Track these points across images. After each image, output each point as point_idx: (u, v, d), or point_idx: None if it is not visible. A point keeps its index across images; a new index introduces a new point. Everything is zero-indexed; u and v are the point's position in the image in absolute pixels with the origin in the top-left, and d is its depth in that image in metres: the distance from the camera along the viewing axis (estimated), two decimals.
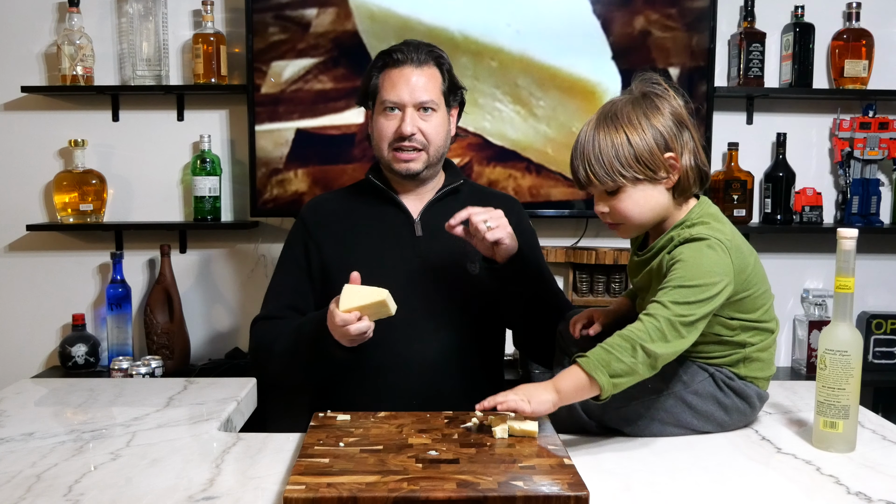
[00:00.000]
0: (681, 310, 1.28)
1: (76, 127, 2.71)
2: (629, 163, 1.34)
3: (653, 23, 2.61)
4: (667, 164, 1.36)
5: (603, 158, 1.35)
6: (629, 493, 1.16)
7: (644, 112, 1.36)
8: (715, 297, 1.30)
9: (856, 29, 2.70)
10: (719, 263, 1.31)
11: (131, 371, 2.42)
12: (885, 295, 2.85)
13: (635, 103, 1.38)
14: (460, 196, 1.83)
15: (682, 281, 1.30)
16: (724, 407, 1.40)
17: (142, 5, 2.63)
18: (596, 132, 1.37)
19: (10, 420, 1.49)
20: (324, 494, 1.05)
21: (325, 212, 1.83)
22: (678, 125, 1.37)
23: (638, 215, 1.38)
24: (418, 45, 1.75)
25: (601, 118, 1.38)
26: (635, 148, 1.34)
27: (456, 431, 1.32)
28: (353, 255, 1.73)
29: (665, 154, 1.35)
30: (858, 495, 1.15)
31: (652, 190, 1.37)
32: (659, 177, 1.36)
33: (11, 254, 2.77)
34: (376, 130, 1.75)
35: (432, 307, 1.71)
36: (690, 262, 1.31)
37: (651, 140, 1.34)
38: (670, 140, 1.35)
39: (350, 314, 1.49)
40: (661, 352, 1.26)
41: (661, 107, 1.37)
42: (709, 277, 1.30)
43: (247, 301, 2.78)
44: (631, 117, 1.36)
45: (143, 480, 1.19)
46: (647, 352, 1.25)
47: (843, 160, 2.74)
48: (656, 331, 1.26)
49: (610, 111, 1.38)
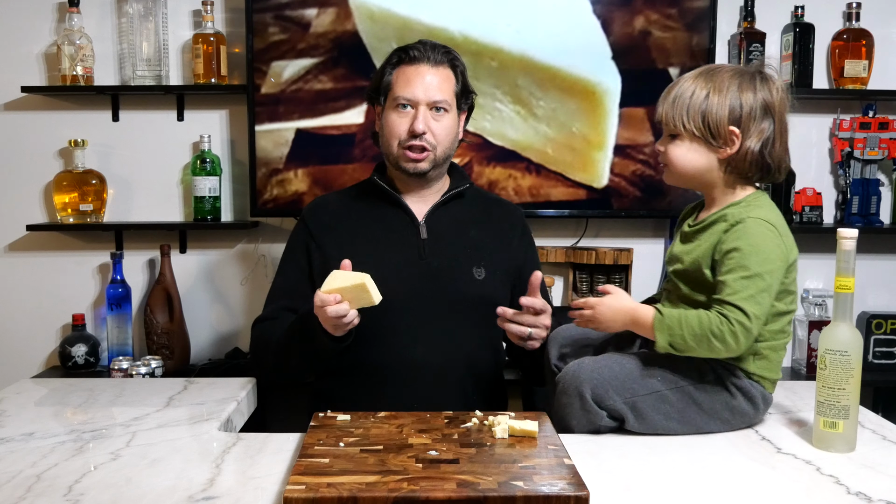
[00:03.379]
0: (749, 307, 1.33)
1: (76, 127, 2.71)
2: (695, 117, 1.41)
3: (653, 23, 2.61)
4: (728, 136, 1.41)
5: (678, 102, 1.43)
6: (629, 493, 1.16)
7: (739, 83, 1.41)
8: (773, 285, 1.36)
9: (856, 29, 2.70)
10: (778, 247, 1.38)
11: (131, 371, 2.42)
12: (885, 295, 2.85)
13: (738, 73, 1.43)
14: (465, 200, 1.82)
15: (744, 270, 1.34)
16: (729, 407, 1.41)
17: (142, 5, 2.63)
18: (689, 79, 1.44)
19: (10, 420, 1.49)
20: (324, 494, 1.05)
21: (327, 213, 1.82)
22: (764, 110, 1.41)
23: (681, 166, 1.46)
24: (435, 46, 1.75)
25: (702, 71, 1.45)
26: (709, 107, 1.40)
27: (456, 431, 1.33)
28: (357, 257, 1.71)
29: (730, 126, 1.40)
30: (858, 495, 1.15)
31: (705, 151, 1.43)
32: (716, 144, 1.42)
33: (11, 254, 2.77)
34: (387, 126, 1.74)
35: (436, 310, 1.71)
36: (753, 248, 1.36)
37: (727, 108, 1.40)
38: (745, 117, 1.40)
39: (329, 296, 1.50)
40: (731, 344, 1.33)
41: (757, 87, 1.41)
42: (770, 265, 1.36)
43: (247, 301, 2.78)
44: (724, 81, 1.41)
45: (143, 480, 1.19)
46: (711, 348, 1.34)
47: (843, 160, 2.74)
48: (728, 330, 1.33)
49: (713, 68, 1.45)
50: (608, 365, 1.42)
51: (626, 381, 1.39)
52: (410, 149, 1.71)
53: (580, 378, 1.40)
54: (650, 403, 1.39)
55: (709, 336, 1.33)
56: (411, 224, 1.77)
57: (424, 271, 1.73)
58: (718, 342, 1.33)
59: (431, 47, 1.74)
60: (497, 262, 1.78)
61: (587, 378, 1.39)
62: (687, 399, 1.40)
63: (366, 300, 1.50)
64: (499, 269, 1.78)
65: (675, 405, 1.40)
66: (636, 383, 1.39)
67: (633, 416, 1.39)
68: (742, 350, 1.36)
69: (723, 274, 1.36)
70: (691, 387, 1.40)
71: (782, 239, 1.40)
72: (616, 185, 2.65)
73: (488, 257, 1.77)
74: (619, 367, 1.41)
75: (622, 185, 2.65)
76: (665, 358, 1.40)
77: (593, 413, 1.39)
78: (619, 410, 1.39)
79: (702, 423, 1.41)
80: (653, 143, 2.64)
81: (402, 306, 1.69)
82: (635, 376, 1.40)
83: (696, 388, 1.40)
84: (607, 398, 1.39)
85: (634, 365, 1.41)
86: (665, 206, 2.68)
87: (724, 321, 1.33)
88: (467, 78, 1.79)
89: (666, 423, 1.40)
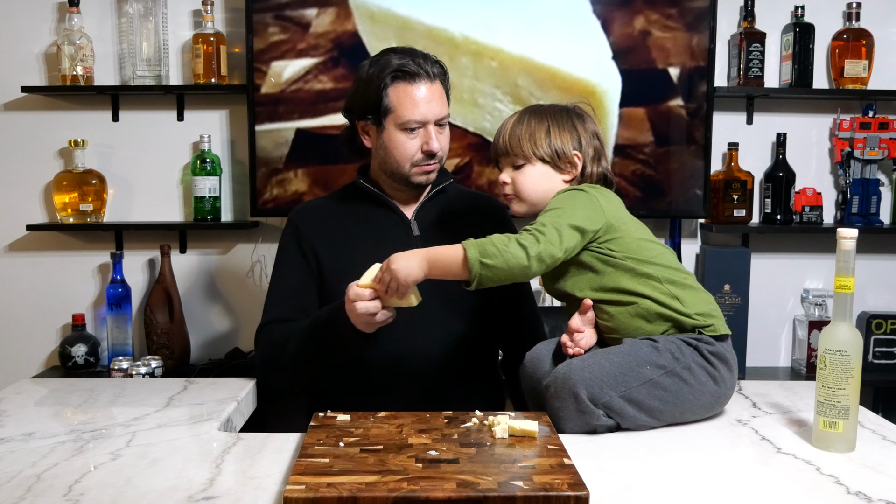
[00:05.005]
0: (546, 220, 1.45)
1: (76, 127, 2.71)
2: (541, 143, 1.55)
3: (653, 23, 2.61)
4: (572, 160, 1.56)
5: (522, 134, 1.57)
6: (629, 493, 1.16)
7: (570, 117, 1.59)
8: (577, 216, 1.46)
9: (856, 29, 2.70)
10: (584, 199, 1.50)
11: (131, 371, 2.42)
12: (885, 295, 2.85)
13: (564, 110, 1.61)
14: (448, 196, 1.84)
15: (547, 209, 1.50)
16: (713, 377, 1.46)
17: (142, 5, 2.63)
18: (523, 115, 1.60)
19: (10, 420, 1.49)
20: (324, 494, 1.05)
21: (315, 217, 1.80)
22: (594, 138, 1.59)
23: (532, 192, 1.57)
24: (426, 57, 1.70)
25: (531, 109, 1.61)
26: (551, 135, 1.56)
27: (456, 431, 1.33)
28: (351, 257, 1.71)
29: (573, 151, 1.56)
30: (858, 495, 1.15)
31: (552, 174, 1.57)
32: (562, 166, 1.57)
33: (11, 254, 2.77)
34: (396, 148, 1.69)
35: (430, 306, 1.70)
36: (555, 199, 1.52)
37: (567, 136, 1.57)
38: (582, 143, 1.57)
39: (365, 290, 1.48)
40: (531, 247, 1.41)
41: (586, 121, 1.60)
42: (571, 203, 1.49)
43: (247, 301, 2.78)
44: (558, 115, 1.59)
45: (143, 480, 1.19)
46: (520, 244, 1.41)
47: (843, 160, 2.74)
48: (526, 233, 1.44)
49: (541, 107, 1.61)
50: (597, 362, 1.42)
51: (618, 374, 1.41)
52: (425, 165, 1.71)
53: (572, 379, 1.40)
54: (645, 391, 1.41)
55: (512, 238, 1.41)
56: (401, 223, 1.77)
57: None
58: (522, 239, 1.41)
59: (423, 59, 1.69)
60: None
61: (579, 378, 1.40)
62: (678, 381, 1.43)
63: (405, 299, 1.46)
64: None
65: (668, 388, 1.42)
66: (628, 375, 1.41)
67: (630, 408, 1.40)
68: (549, 247, 1.42)
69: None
70: (678, 367, 1.43)
71: (593, 195, 1.51)
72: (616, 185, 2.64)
73: None
74: (607, 362, 1.42)
75: (622, 184, 2.64)
76: (646, 347, 1.44)
77: (589, 413, 1.39)
78: (615, 405, 1.40)
79: (694, 400, 1.45)
80: (653, 142, 2.64)
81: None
82: (625, 369, 1.41)
83: (682, 368, 1.43)
84: (603, 395, 1.39)
85: (622, 358, 1.43)
86: (665, 206, 2.68)
87: (524, 232, 1.45)
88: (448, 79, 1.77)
89: (662, 406, 1.42)
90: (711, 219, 2.75)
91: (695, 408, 1.46)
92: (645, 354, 1.43)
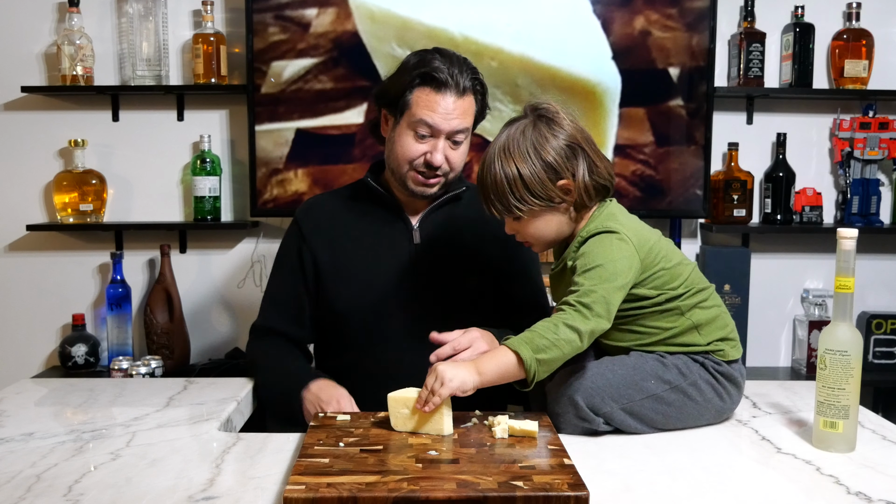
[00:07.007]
0: (592, 286, 1.34)
1: (76, 127, 2.71)
2: (523, 197, 1.40)
3: (653, 23, 2.61)
4: (561, 191, 1.42)
5: (499, 193, 1.42)
6: (629, 493, 1.16)
7: (534, 143, 1.40)
8: (621, 272, 1.36)
9: (856, 29, 2.70)
10: (619, 246, 1.39)
11: (131, 371, 2.42)
12: (885, 295, 2.85)
13: (526, 133, 1.42)
14: (461, 203, 1.78)
15: (586, 266, 1.38)
16: (719, 394, 1.45)
17: (142, 5, 2.63)
18: (490, 168, 1.42)
19: (10, 420, 1.49)
20: (324, 494, 1.05)
21: (320, 214, 1.79)
22: (570, 148, 1.41)
23: (544, 236, 1.47)
24: (462, 67, 1.62)
25: (496, 153, 1.42)
26: (527, 182, 1.39)
27: (456, 431, 1.33)
28: (349, 261, 1.71)
29: (558, 182, 1.41)
30: (858, 495, 1.15)
31: (552, 214, 1.44)
32: (555, 203, 1.42)
33: (11, 254, 2.77)
34: (399, 146, 1.65)
35: (428, 316, 1.65)
36: (592, 251, 1.40)
37: (541, 172, 1.39)
38: (561, 168, 1.40)
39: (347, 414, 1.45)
40: (582, 326, 1.32)
41: (550, 134, 1.41)
42: (610, 256, 1.37)
43: (247, 301, 2.78)
44: (520, 148, 1.40)
45: (143, 480, 1.19)
46: (570, 326, 1.31)
47: (843, 160, 2.74)
48: (573, 311, 1.33)
49: (502, 145, 1.43)
50: (601, 373, 1.41)
51: (621, 387, 1.40)
52: (422, 174, 1.65)
53: (571, 387, 1.40)
54: (648, 406, 1.40)
55: (560, 321, 1.32)
56: (405, 229, 1.74)
57: (415, 277, 1.70)
58: (570, 320, 1.31)
59: (458, 68, 1.61)
60: (491, 266, 1.75)
61: (579, 387, 1.39)
62: (683, 397, 1.42)
63: (436, 426, 1.31)
64: (493, 272, 1.76)
65: (672, 404, 1.41)
66: (632, 388, 1.40)
67: (631, 420, 1.40)
68: (598, 323, 1.32)
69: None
70: (684, 383, 1.42)
71: (627, 239, 1.40)
72: (616, 185, 2.63)
73: (483, 261, 1.74)
74: (611, 374, 1.41)
75: (622, 184, 2.64)
76: (652, 360, 1.42)
77: (589, 420, 1.39)
78: (616, 417, 1.39)
79: (698, 415, 1.44)
80: (653, 142, 2.64)
81: (393, 312, 1.68)
82: (629, 382, 1.40)
83: (688, 384, 1.42)
84: (604, 405, 1.39)
85: (626, 371, 1.41)
86: (665, 206, 2.68)
87: (564, 304, 1.35)
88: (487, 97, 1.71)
89: (664, 420, 1.42)
90: (711, 219, 2.75)
91: (698, 422, 1.45)
92: (651, 368, 1.42)
